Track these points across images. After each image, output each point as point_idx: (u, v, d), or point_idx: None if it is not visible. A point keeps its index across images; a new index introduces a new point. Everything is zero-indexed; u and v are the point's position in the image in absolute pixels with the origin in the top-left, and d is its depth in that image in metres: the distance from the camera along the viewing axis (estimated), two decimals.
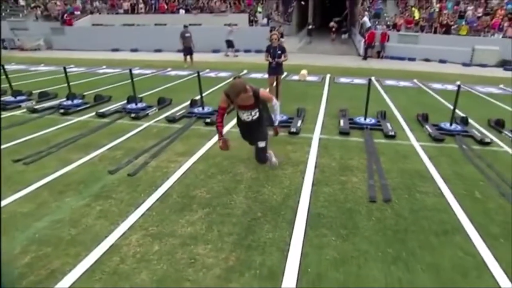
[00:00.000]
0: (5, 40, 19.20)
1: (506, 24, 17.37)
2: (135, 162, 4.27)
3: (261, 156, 3.80)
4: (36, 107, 6.58)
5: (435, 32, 18.35)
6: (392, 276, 2.45)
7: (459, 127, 5.78)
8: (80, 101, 7.03)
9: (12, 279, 1.76)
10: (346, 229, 2.97)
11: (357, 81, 10.74)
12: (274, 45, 6.88)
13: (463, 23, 18.11)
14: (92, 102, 7.13)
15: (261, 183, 3.74)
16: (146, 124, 5.85)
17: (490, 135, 5.61)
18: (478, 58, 16.82)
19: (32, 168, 4.10)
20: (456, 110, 5.73)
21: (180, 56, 13.61)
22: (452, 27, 18.29)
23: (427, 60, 17.43)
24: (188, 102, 7.06)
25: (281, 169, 4.10)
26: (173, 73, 11.91)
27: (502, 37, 17.23)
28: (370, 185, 3.74)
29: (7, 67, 12.74)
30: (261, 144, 3.71)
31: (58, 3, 21.47)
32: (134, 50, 19.88)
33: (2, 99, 6.93)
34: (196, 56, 13.63)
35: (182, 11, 21.74)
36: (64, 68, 6.98)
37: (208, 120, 5.81)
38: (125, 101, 7.11)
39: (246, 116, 3.62)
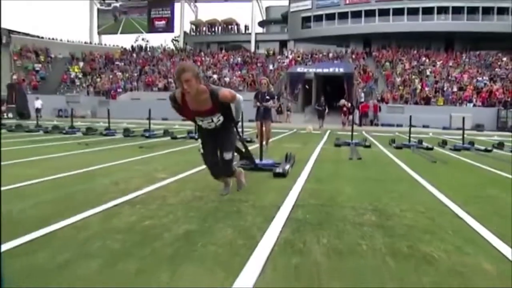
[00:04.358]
0: (61, 110, 23.46)
1: (474, 96, 21.18)
2: None
3: (228, 169, 3.08)
4: (129, 135, 9.73)
5: (416, 103, 22.11)
6: (357, 172, 5.10)
7: (414, 143, 8.65)
8: (154, 133, 10.14)
9: None
10: (335, 163, 5.73)
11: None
12: (263, 90, 6.59)
13: (439, 96, 22.02)
14: (162, 134, 10.25)
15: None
16: None
17: (436, 148, 8.44)
18: (456, 123, 20.15)
19: (148, 149, 6.96)
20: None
21: None
22: (432, 99, 22.14)
23: (412, 126, 20.77)
24: None
25: (302, 150, 6.93)
26: None
27: (473, 106, 20.87)
28: (350, 157, 6.52)
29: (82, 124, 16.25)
30: (228, 155, 2.98)
31: (106, 82, 26.26)
32: (164, 119, 23.72)
33: (108, 132, 10.15)
34: None
35: None
36: (149, 110, 10.24)
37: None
38: (185, 134, 10.18)
39: (206, 123, 2.91)
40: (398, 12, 31.67)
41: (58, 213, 2.62)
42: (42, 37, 34.13)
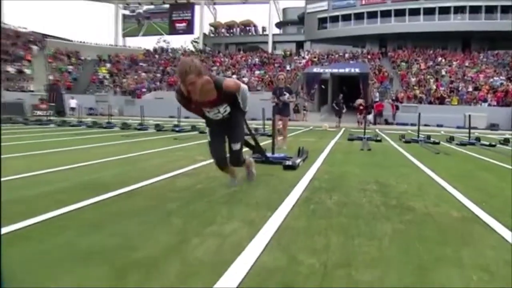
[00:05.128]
0: (93, 109, 24.96)
1: (490, 96, 21.35)
2: None
3: (237, 160, 3.17)
4: (161, 129, 10.70)
5: (430, 103, 22.43)
6: (366, 159, 5.85)
7: (422, 138, 9.28)
8: (183, 128, 11.09)
9: None
10: (347, 153, 6.47)
11: None
12: (281, 86, 6.59)
13: (454, 96, 22.26)
14: (190, 128, 11.19)
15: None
16: None
17: (443, 143, 9.05)
18: (470, 123, 20.43)
19: (182, 140, 7.86)
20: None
21: None
22: (446, 99, 22.41)
23: (426, 125, 21.15)
24: None
25: (317, 143, 7.69)
26: None
27: (488, 105, 21.06)
28: (361, 148, 7.25)
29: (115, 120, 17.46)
30: (236, 146, 3.09)
31: (131, 82, 27.60)
32: (186, 117, 24.81)
33: (142, 127, 11.15)
34: None
35: None
36: (178, 109, 11.15)
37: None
38: None
39: (213, 115, 3.00)
40: (414, 12, 31.87)
41: (134, 179, 3.50)
42: (72, 41, 36.03)
